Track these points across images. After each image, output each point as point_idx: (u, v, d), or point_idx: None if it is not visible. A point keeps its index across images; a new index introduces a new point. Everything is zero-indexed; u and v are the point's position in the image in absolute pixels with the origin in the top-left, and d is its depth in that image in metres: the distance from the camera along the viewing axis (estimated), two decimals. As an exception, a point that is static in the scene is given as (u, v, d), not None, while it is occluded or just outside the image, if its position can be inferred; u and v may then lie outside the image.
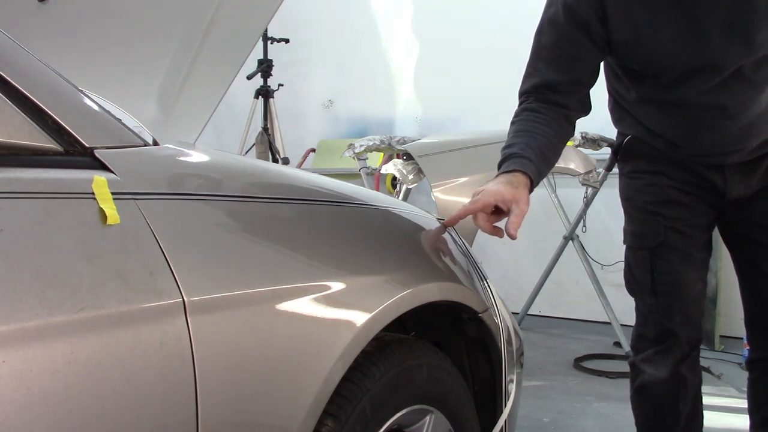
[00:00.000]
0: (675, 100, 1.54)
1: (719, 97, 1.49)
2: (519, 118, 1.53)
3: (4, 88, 0.85)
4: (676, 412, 1.66)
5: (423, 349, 1.32)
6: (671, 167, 1.63)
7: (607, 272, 3.92)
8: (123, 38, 1.97)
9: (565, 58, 1.52)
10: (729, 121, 1.51)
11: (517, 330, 1.56)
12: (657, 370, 1.64)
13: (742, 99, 1.49)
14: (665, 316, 1.63)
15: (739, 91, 1.48)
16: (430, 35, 4.87)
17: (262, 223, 1.07)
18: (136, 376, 0.81)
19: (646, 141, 1.64)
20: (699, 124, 1.55)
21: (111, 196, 0.85)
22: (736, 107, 1.50)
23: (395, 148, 3.45)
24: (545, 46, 1.53)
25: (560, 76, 1.52)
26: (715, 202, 1.62)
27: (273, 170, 1.35)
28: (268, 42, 4.60)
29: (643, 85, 1.56)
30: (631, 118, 1.65)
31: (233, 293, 0.94)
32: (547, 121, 1.50)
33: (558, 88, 1.52)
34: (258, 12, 2.03)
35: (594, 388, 3.08)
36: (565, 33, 1.50)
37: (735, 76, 1.47)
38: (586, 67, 1.54)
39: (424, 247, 1.38)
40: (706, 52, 1.44)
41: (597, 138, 3.40)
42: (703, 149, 1.58)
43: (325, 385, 1.02)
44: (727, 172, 1.59)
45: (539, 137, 1.47)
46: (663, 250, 1.62)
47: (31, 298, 0.74)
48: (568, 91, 1.53)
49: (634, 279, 1.68)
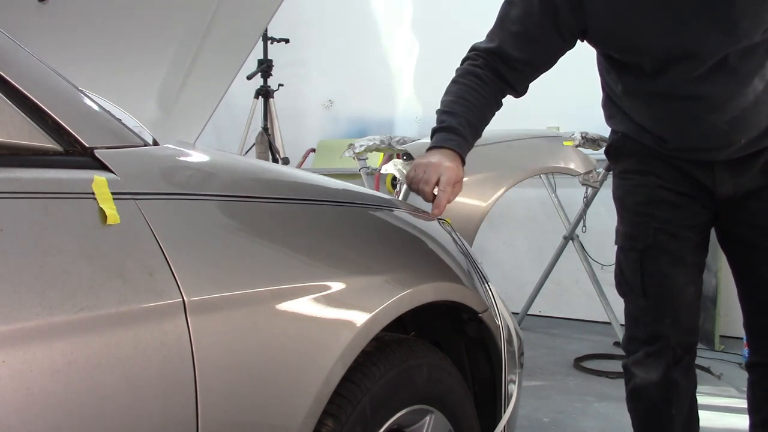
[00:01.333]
0: (659, 92, 1.51)
1: (703, 87, 1.46)
2: (463, 81, 1.55)
3: (4, 88, 0.85)
4: (669, 416, 1.64)
5: (423, 349, 1.32)
6: (660, 166, 1.61)
7: (607, 272, 3.91)
8: (123, 38, 1.97)
9: (527, 38, 1.53)
10: (714, 114, 1.48)
11: (517, 330, 1.56)
12: (648, 374, 1.63)
13: (726, 90, 1.46)
14: (655, 319, 1.61)
15: (724, 83, 1.45)
16: (430, 35, 4.87)
17: (262, 223, 1.07)
18: (136, 376, 0.81)
19: (635, 138, 1.63)
20: (684, 116, 1.52)
21: (111, 196, 0.85)
22: (721, 99, 1.47)
23: (395, 148, 3.45)
24: (511, 18, 1.54)
25: (516, 53, 1.53)
26: (707, 202, 1.60)
27: (273, 170, 1.35)
28: (268, 42, 4.60)
29: (628, 75, 1.54)
30: (621, 113, 1.64)
31: (233, 293, 0.94)
32: (487, 95, 1.53)
33: (510, 63, 1.54)
34: (258, 12, 2.03)
35: (594, 388, 3.08)
36: (533, 13, 1.50)
37: (719, 66, 1.44)
38: (544, 53, 1.54)
39: (424, 247, 1.38)
40: (684, 39, 1.42)
41: (597, 138, 3.40)
42: (691, 144, 1.56)
43: (325, 385, 1.02)
44: (716, 170, 1.56)
45: (477, 112, 1.52)
46: (653, 252, 1.60)
47: (32, 298, 0.74)
48: (519, 69, 1.55)
49: (624, 280, 1.67)
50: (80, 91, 0.97)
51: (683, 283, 1.61)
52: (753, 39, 1.41)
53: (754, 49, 1.43)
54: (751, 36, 1.41)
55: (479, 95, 1.52)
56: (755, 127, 1.51)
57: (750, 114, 1.49)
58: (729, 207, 1.59)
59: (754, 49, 1.43)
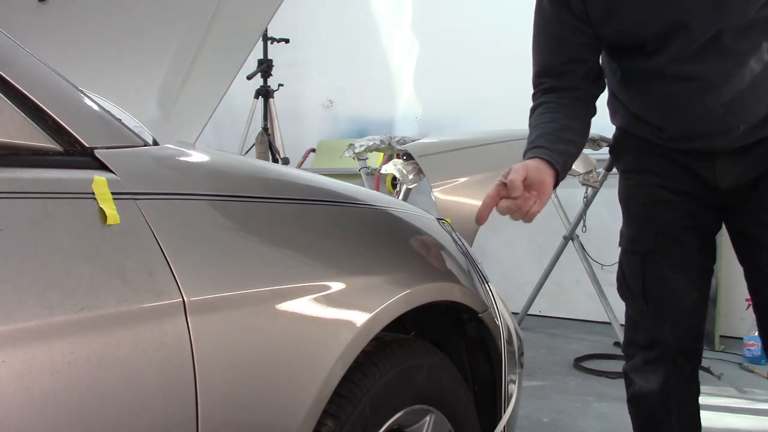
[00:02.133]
0: (654, 72, 1.49)
1: (696, 66, 1.43)
2: (530, 120, 1.55)
3: (4, 88, 0.85)
4: (669, 427, 1.62)
5: (423, 349, 1.32)
6: (659, 162, 1.58)
7: (607, 272, 3.91)
8: (123, 38, 1.97)
9: (554, 40, 1.53)
10: (709, 95, 1.45)
11: (517, 330, 1.56)
12: (647, 382, 1.61)
13: (720, 70, 1.43)
14: (654, 324, 1.59)
15: (717, 62, 1.42)
16: (430, 35, 4.87)
17: (262, 223, 1.07)
18: (136, 376, 0.81)
19: (633, 132, 1.61)
20: (679, 99, 1.49)
21: (111, 196, 0.86)
22: (715, 80, 1.44)
23: (395, 148, 3.45)
24: (535, 33, 1.56)
25: (552, 59, 1.54)
26: (710, 200, 1.56)
27: (273, 170, 1.35)
28: (268, 42, 4.60)
29: (625, 59, 1.53)
30: (622, 108, 1.62)
31: (233, 293, 0.94)
32: (555, 108, 1.51)
33: (554, 71, 1.54)
34: (258, 12, 2.02)
35: (594, 388, 3.08)
36: (550, 15, 1.52)
37: (712, 44, 1.41)
38: (576, 44, 1.53)
39: (424, 247, 1.38)
40: (674, 12, 1.40)
41: (597, 138, 3.40)
42: (688, 130, 1.52)
43: (325, 385, 1.02)
44: (716, 161, 1.53)
45: (549, 124, 1.49)
46: (654, 256, 1.58)
47: (32, 298, 0.74)
48: (565, 71, 1.54)
49: (626, 284, 1.65)
50: (80, 91, 0.97)
51: (685, 289, 1.58)
52: (747, 16, 1.39)
53: (750, 28, 1.40)
54: (743, 13, 1.39)
55: (544, 115, 1.51)
56: (754, 114, 1.47)
57: (747, 98, 1.45)
58: (731, 199, 1.56)
59: (749, 27, 1.40)
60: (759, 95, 1.46)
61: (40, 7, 1.90)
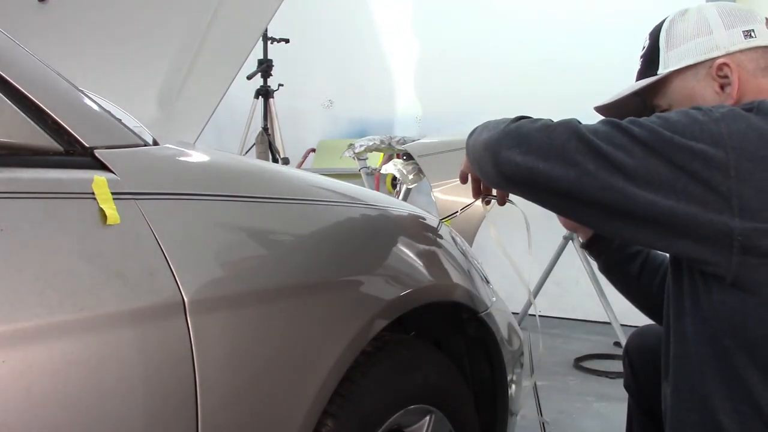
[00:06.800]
0: None
1: None
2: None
3: (4, 88, 0.85)
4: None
5: (423, 349, 1.32)
6: None
7: (607, 272, 3.91)
8: (123, 38, 1.97)
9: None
10: None
11: (517, 330, 1.56)
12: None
13: None
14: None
15: None
16: (430, 35, 4.87)
17: (262, 223, 1.07)
18: (136, 376, 0.81)
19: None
20: None
21: (111, 196, 0.85)
22: None
23: (395, 148, 3.45)
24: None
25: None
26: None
27: (273, 170, 1.35)
28: (268, 42, 4.60)
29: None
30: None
31: (233, 293, 0.94)
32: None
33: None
34: (258, 12, 2.03)
35: (594, 388, 3.08)
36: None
37: None
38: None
39: (423, 247, 1.38)
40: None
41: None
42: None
43: (325, 385, 1.02)
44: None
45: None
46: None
47: (32, 298, 0.74)
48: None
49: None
50: (80, 91, 0.97)
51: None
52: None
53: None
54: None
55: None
56: None
57: None
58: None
59: None
60: None
61: (40, 7, 1.91)
